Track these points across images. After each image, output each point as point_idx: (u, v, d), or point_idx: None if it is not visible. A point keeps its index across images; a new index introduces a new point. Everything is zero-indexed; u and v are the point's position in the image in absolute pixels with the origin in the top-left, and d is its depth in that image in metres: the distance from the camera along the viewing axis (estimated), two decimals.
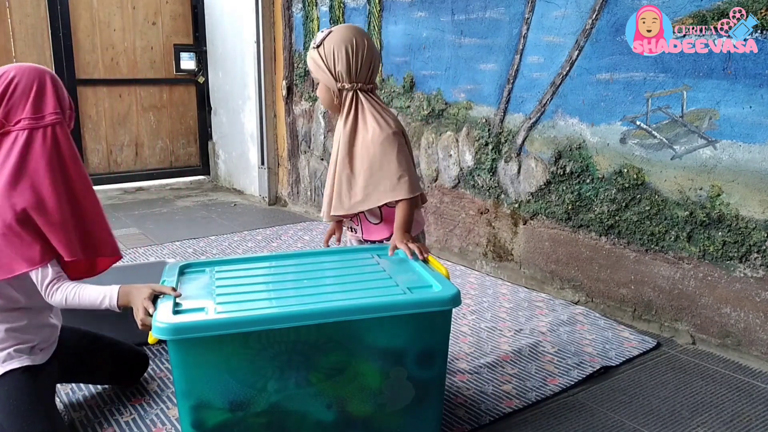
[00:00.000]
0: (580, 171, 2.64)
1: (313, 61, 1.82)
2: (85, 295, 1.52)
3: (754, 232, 2.14)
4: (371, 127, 1.79)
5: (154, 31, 5.20)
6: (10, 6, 4.55)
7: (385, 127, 1.78)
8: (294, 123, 4.48)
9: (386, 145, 1.77)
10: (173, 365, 1.38)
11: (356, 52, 1.78)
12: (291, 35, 4.33)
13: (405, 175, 1.78)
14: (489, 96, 2.99)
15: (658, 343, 2.34)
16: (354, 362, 1.51)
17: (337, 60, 1.78)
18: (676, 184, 2.33)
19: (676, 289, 2.39)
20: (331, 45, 1.78)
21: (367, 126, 1.80)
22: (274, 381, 1.44)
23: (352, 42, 1.78)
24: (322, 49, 1.80)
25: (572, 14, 2.57)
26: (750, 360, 2.19)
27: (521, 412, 1.88)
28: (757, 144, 2.10)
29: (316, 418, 1.51)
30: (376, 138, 1.77)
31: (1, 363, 1.56)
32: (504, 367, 2.15)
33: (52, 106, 1.52)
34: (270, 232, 3.95)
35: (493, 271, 3.13)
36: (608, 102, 2.50)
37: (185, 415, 1.41)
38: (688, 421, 1.84)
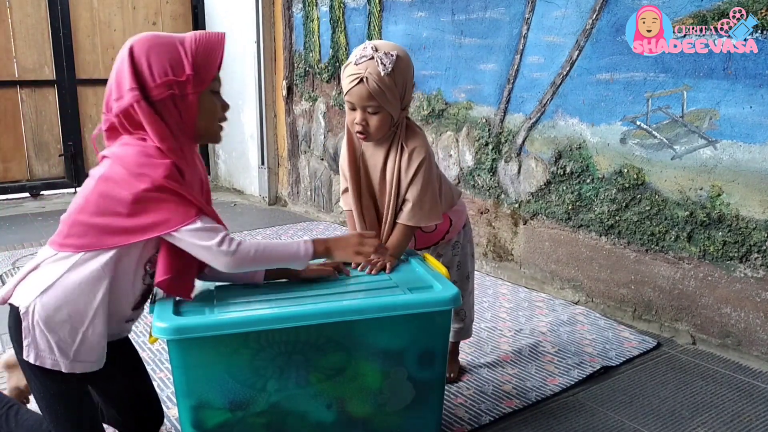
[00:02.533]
0: (580, 171, 2.64)
1: (386, 88, 1.61)
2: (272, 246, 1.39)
3: (754, 232, 2.13)
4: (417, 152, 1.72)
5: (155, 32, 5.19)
6: (11, 6, 4.55)
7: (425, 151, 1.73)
8: (294, 123, 4.48)
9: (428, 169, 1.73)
10: (173, 365, 1.38)
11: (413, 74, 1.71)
12: (291, 35, 4.33)
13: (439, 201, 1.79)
14: (489, 96, 2.99)
15: (658, 343, 2.34)
16: (354, 362, 1.51)
17: (407, 90, 1.68)
18: (676, 184, 2.33)
19: (676, 289, 2.39)
20: (403, 74, 1.64)
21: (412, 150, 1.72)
22: (274, 381, 1.44)
23: (413, 65, 1.70)
24: (394, 76, 1.61)
25: (572, 14, 2.57)
26: (750, 360, 2.19)
27: (521, 412, 1.88)
28: (757, 144, 2.10)
29: (316, 418, 1.51)
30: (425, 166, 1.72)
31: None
32: (504, 367, 2.15)
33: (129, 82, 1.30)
34: (270, 232, 3.96)
35: (493, 271, 3.13)
36: (608, 102, 2.50)
37: (185, 415, 1.41)
38: (688, 421, 1.84)
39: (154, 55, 1.29)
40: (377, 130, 1.67)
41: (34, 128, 4.80)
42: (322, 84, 4.10)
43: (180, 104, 1.32)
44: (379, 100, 1.62)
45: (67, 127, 4.89)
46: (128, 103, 1.28)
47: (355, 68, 1.62)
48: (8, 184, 4.78)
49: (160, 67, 1.29)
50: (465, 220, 1.99)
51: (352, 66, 1.63)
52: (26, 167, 4.83)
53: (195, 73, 1.31)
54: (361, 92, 1.62)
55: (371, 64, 1.60)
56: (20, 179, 4.83)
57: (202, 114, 1.36)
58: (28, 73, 4.71)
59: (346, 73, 1.65)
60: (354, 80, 1.62)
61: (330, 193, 4.22)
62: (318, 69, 4.11)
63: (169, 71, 1.29)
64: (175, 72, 1.29)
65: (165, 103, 1.30)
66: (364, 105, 1.64)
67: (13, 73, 4.65)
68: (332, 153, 4.11)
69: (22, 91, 4.71)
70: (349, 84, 1.64)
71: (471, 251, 2.04)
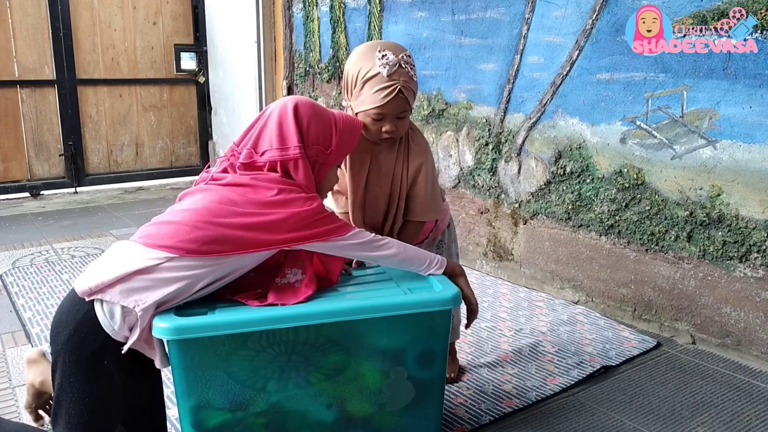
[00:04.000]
0: (580, 171, 2.64)
1: (415, 92, 1.67)
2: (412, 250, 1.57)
3: (754, 232, 2.14)
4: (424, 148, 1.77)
5: (155, 31, 5.20)
6: (11, 6, 4.55)
7: (428, 146, 1.80)
8: None
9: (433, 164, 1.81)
10: (173, 365, 1.38)
11: None
12: (291, 35, 4.33)
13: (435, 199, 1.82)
14: (489, 96, 2.99)
15: (658, 343, 2.35)
16: (354, 362, 1.51)
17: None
18: (676, 184, 2.33)
19: (676, 288, 2.39)
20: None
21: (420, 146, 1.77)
22: (274, 381, 1.45)
23: None
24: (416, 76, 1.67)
25: (572, 14, 2.57)
26: (750, 360, 2.19)
27: (521, 412, 1.89)
28: (757, 144, 2.10)
29: (316, 418, 1.51)
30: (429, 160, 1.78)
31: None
32: (504, 367, 2.15)
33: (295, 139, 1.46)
34: None
35: (493, 270, 3.13)
36: (608, 102, 2.50)
37: (185, 416, 1.42)
38: (688, 420, 1.84)
39: (315, 122, 1.47)
40: (403, 130, 1.71)
41: (34, 128, 4.80)
42: (323, 84, 4.10)
43: (317, 169, 1.50)
44: (412, 103, 1.67)
45: (67, 127, 4.89)
46: (294, 157, 1.44)
47: (389, 80, 1.59)
48: (8, 184, 4.78)
49: (318, 134, 1.47)
50: (449, 220, 2.00)
51: (383, 78, 1.59)
52: (26, 167, 4.83)
53: (338, 148, 1.51)
54: (399, 102, 1.61)
55: (402, 72, 1.60)
56: (20, 179, 4.83)
57: (325, 182, 1.56)
58: (29, 72, 4.71)
59: (377, 86, 1.60)
60: (391, 93, 1.59)
61: None
62: (318, 69, 4.11)
63: (322, 140, 1.48)
64: (326, 143, 1.48)
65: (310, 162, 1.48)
66: (399, 112, 1.63)
67: (13, 72, 4.65)
68: None
69: (23, 91, 4.71)
70: (384, 97, 1.59)
71: (456, 251, 2.06)
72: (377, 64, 1.59)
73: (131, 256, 1.35)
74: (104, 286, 1.31)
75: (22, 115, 4.73)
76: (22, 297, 2.76)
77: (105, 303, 1.31)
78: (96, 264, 1.38)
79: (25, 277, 3.03)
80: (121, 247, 1.39)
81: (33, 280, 2.97)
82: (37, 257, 3.34)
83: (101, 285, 1.31)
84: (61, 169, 4.96)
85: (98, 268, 1.35)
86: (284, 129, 1.45)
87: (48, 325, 2.46)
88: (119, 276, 1.31)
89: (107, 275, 1.32)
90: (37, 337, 2.36)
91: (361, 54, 1.65)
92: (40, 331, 2.41)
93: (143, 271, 1.32)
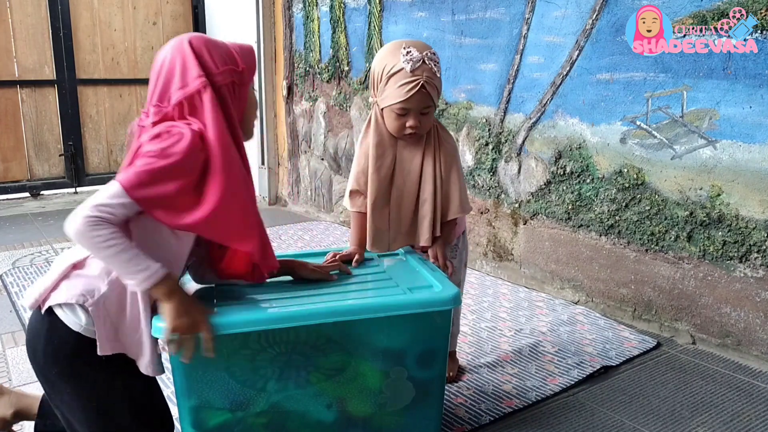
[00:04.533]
0: (580, 171, 2.64)
1: (439, 88, 1.70)
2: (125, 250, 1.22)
3: (754, 232, 2.14)
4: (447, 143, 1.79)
5: (155, 31, 5.20)
6: (11, 6, 4.56)
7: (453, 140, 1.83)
8: (294, 123, 4.49)
9: (458, 159, 1.83)
10: (173, 365, 1.38)
11: None
12: (291, 35, 4.33)
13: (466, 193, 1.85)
14: (489, 96, 2.99)
15: (658, 343, 2.35)
16: (354, 362, 1.51)
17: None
18: (676, 184, 2.33)
19: (676, 288, 2.39)
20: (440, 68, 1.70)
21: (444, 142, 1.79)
22: (274, 381, 1.45)
23: None
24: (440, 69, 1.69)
25: (572, 14, 2.57)
26: (750, 360, 2.19)
27: (521, 412, 1.89)
28: (757, 144, 2.10)
29: (317, 418, 1.51)
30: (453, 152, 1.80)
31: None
32: (504, 367, 2.15)
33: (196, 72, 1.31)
34: (270, 232, 3.93)
35: (493, 270, 3.13)
36: (608, 102, 2.50)
37: (185, 416, 1.42)
38: (688, 421, 1.84)
39: (212, 48, 1.34)
40: (427, 126, 1.73)
41: (34, 128, 4.80)
42: (323, 84, 4.10)
43: (237, 94, 1.37)
44: (435, 100, 1.69)
45: (67, 127, 4.89)
46: (196, 89, 1.30)
47: (412, 75, 1.62)
48: (8, 184, 4.78)
49: (220, 57, 1.33)
50: (464, 227, 1.99)
51: (407, 73, 1.63)
52: (26, 167, 4.83)
53: (246, 66, 1.38)
54: (422, 97, 1.64)
55: (426, 68, 1.64)
56: (20, 179, 4.83)
57: (249, 106, 1.42)
58: (28, 72, 4.71)
59: (400, 81, 1.64)
60: (414, 87, 1.62)
61: (330, 193, 4.23)
62: (318, 69, 4.11)
63: (228, 61, 1.34)
64: (233, 63, 1.35)
65: (225, 91, 1.33)
66: (422, 107, 1.66)
67: (13, 72, 4.66)
68: (332, 153, 4.11)
69: (22, 91, 4.71)
70: (407, 92, 1.63)
71: (465, 260, 2.05)
72: (401, 60, 1.63)
73: (65, 254, 1.34)
74: (48, 291, 1.28)
75: (22, 115, 4.73)
76: (22, 297, 2.76)
77: (62, 305, 1.27)
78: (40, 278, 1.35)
79: (25, 277, 3.03)
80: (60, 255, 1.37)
81: (33, 280, 2.97)
82: (37, 257, 3.34)
83: (45, 291, 1.29)
84: (61, 169, 4.96)
85: (41, 279, 1.33)
86: (184, 65, 1.31)
87: None
88: (59, 275, 1.29)
89: (48, 280, 1.30)
90: None
91: (387, 51, 1.70)
92: None
93: (78, 264, 1.30)
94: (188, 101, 1.30)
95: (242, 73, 1.37)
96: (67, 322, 1.27)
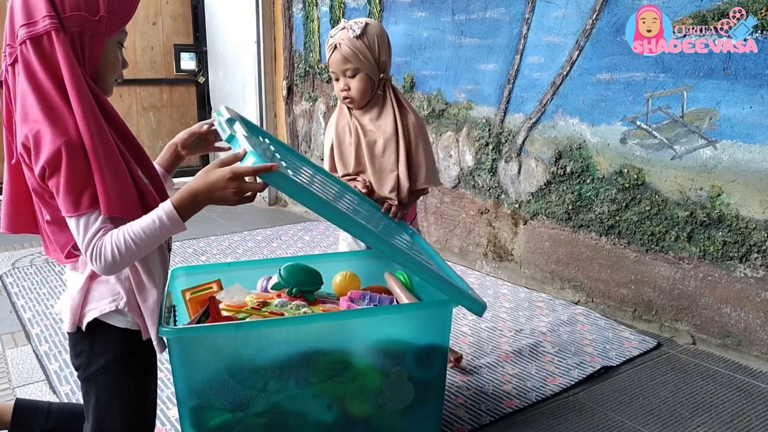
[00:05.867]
0: (580, 171, 2.64)
1: (356, 50, 1.78)
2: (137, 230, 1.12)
3: (754, 232, 2.13)
4: (411, 115, 1.88)
5: (155, 31, 5.19)
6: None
7: (419, 116, 1.90)
8: (294, 123, 4.48)
9: (425, 134, 1.90)
10: (174, 365, 1.38)
11: (390, 43, 1.87)
12: (291, 35, 4.33)
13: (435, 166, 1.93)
14: (489, 96, 2.99)
15: (658, 343, 2.34)
16: (354, 362, 1.51)
17: (381, 49, 1.82)
18: (676, 184, 2.33)
19: (676, 289, 2.39)
20: (374, 35, 1.80)
21: (407, 114, 1.87)
22: (274, 381, 1.44)
23: (387, 34, 1.87)
24: (365, 38, 1.79)
25: (572, 14, 2.57)
26: (750, 360, 2.19)
27: (521, 412, 1.89)
28: (757, 144, 2.10)
29: (317, 419, 1.51)
30: (418, 126, 1.87)
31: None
32: (504, 367, 2.15)
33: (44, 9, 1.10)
34: (270, 232, 3.96)
35: (493, 271, 3.13)
36: (608, 102, 2.50)
37: (186, 416, 1.41)
38: (688, 421, 1.84)
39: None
40: (359, 93, 1.83)
41: None
42: (322, 84, 4.10)
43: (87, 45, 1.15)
44: (354, 62, 1.79)
45: None
46: (44, 30, 1.09)
47: (331, 39, 1.84)
48: None
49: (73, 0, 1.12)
50: (416, 214, 2.06)
51: (329, 39, 1.85)
52: None
53: (109, 15, 1.16)
54: (336, 58, 1.82)
55: (343, 33, 1.81)
56: None
57: (104, 62, 1.20)
58: None
59: (326, 47, 1.86)
60: (330, 49, 1.83)
61: None
62: (318, 69, 4.11)
63: (84, 5, 1.12)
64: (89, 9, 1.13)
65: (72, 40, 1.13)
66: (342, 69, 1.82)
67: None
68: None
69: None
70: (327, 55, 1.85)
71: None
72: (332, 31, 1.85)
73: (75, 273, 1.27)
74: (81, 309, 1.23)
75: None
76: (22, 297, 2.76)
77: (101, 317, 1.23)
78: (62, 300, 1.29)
79: (25, 277, 3.03)
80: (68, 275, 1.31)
81: (33, 281, 2.97)
82: (37, 258, 3.34)
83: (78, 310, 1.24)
84: None
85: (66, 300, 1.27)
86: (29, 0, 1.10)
87: (48, 326, 2.46)
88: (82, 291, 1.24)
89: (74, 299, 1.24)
90: (36, 338, 2.35)
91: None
92: (40, 332, 2.41)
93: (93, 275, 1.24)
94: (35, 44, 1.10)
95: (99, 22, 1.14)
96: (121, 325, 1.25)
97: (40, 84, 1.11)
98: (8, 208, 1.28)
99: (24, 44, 1.10)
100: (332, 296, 1.69)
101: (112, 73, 1.24)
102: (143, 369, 1.31)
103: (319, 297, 1.65)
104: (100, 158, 1.10)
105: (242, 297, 1.57)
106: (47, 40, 1.10)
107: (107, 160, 1.12)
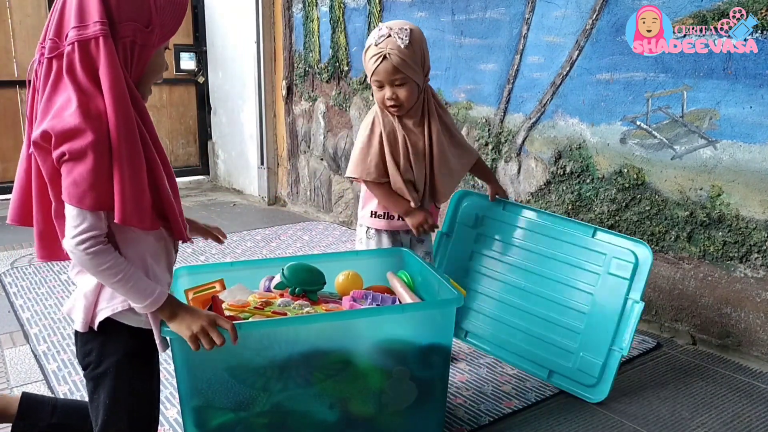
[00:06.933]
0: (580, 171, 2.64)
1: (407, 60, 1.76)
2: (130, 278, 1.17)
3: (754, 232, 2.14)
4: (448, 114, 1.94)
5: None
6: (11, 6, 4.55)
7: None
8: (294, 123, 4.48)
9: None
10: (176, 365, 1.38)
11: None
12: (291, 35, 4.33)
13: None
14: (489, 96, 2.99)
15: (658, 344, 2.35)
16: (356, 362, 1.51)
17: (426, 56, 1.83)
18: (676, 184, 2.33)
19: (676, 289, 2.39)
20: (419, 42, 1.80)
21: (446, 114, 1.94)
22: (275, 381, 1.44)
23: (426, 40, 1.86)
24: (413, 46, 1.77)
25: (572, 14, 2.57)
26: (750, 360, 2.20)
27: (521, 412, 1.89)
28: (757, 144, 2.10)
29: (319, 418, 1.51)
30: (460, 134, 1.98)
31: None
32: (504, 367, 2.15)
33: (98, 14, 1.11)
34: (269, 232, 3.95)
35: None
36: (608, 102, 2.50)
37: (188, 416, 1.41)
38: (688, 421, 1.84)
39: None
40: (408, 100, 1.82)
41: None
42: (322, 84, 4.10)
43: (137, 54, 1.18)
44: (405, 71, 1.77)
45: None
46: (93, 35, 1.11)
47: (376, 48, 1.77)
48: (8, 184, 4.77)
49: (131, 9, 1.15)
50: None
51: (373, 47, 1.78)
52: None
53: (160, 27, 1.20)
54: (386, 68, 1.77)
55: (390, 41, 1.75)
56: None
57: (149, 68, 1.23)
58: None
59: (369, 55, 1.79)
60: (378, 59, 1.76)
61: (329, 193, 4.22)
62: (318, 69, 4.11)
63: (137, 16, 1.15)
64: (142, 20, 1.16)
65: (123, 49, 1.16)
66: (391, 80, 1.79)
67: (12, 73, 4.65)
68: (331, 153, 4.11)
69: (22, 91, 4.70)
70: (373, 64, 1.78)
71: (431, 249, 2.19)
72: (372, 37, 1.79)
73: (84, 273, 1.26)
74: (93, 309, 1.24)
75: (22, 115, 4.73)
76: (20, 297, 2.76)
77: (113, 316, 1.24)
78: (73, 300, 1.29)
79: (24, 277, 3.02)
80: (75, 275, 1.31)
81: (31, 281, 2.97)
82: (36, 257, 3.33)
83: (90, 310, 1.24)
84: None
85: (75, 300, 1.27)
86: (84, 2, 1.12)
87: (46, 326, 2.45)
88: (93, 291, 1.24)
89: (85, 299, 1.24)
90: (35, 338, 2.35)
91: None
92: (39, 332, 2.40)
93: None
94: (82, 47, 1.12)
95: (149, 33, 1.17)
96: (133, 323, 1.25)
97: (80, 85, 1.12)
98: (18, 200, 1.29)
99: (72, 45, 1.12)
100: (335, 296, 1.69)
101: (155, 77, 1.28)
102: (151, 368, 1.32)
103: (322, 296, 1.65)
104: (123, 166, 1.12)
105: (245, 296, 1.57)
106: (94, 44, 1.12)
107: (131, 169, 1.13)
